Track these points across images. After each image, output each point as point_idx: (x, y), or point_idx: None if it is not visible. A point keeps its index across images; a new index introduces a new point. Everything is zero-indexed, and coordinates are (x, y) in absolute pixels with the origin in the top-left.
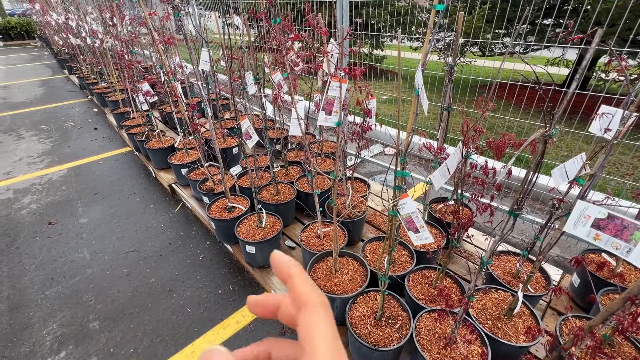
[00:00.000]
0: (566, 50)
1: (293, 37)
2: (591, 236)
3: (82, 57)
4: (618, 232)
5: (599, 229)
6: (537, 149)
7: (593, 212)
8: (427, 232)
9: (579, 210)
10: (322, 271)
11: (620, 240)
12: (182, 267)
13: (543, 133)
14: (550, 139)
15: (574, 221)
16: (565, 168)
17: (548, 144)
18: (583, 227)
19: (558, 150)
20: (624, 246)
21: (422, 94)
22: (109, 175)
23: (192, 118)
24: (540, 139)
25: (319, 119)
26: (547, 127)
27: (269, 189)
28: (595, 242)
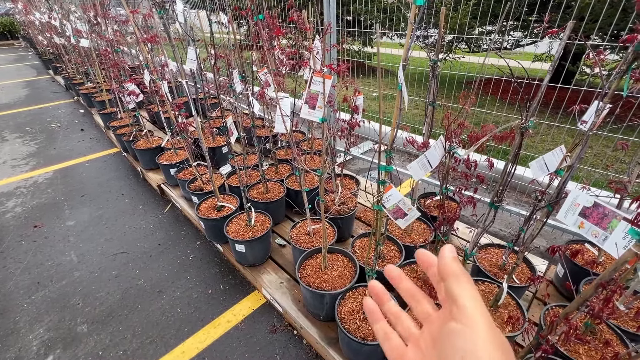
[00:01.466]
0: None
1: (275, 31)
2: (577, 224)
3: (67, 57)
4: (599, 220)
5: (585, 217)
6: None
7: (582, 200)
8: (414, 210)
9: (571, 199)
10: (311, 268)
11: (599, 229)
12: (172, 268)
13: (518, 124)
14: (527, 130)
15: (566, 209)
16: (545, 160)
17: (525, 136)
18: (572, 215)
19: (545, 144)
20: (602, 234)
21: (403, 89)
22: (97, 177)
23: (178, 117)
24: (517, 131)
25: (302, 112)
26: (523, 120)
27: (258, 187)
28: (580, 230)
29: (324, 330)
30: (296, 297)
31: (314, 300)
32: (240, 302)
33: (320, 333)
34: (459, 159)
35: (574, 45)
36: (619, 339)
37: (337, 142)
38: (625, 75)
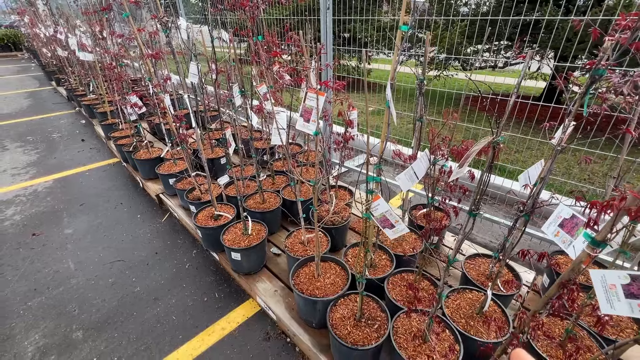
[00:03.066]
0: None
1: (273, 53)
2: (554, 233)
3: (70, 69)
4: (571, 229)
5: (561, 227)
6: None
7: (564, 212)
8: (402, 224)
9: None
10: (305, 275)
11: (569, 236)
12: (168, 276)
13: (490, 140)
14: (498, 145)
15: (550, 221)
16: (529, 173)
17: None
18: (554, 226)
19: (534, 159)
20: (569, 240)
21: (391, 105)
22: (96, 186)
23: (179, 129)
24: (490, 145)
25: (298, 124)
26: (494, 135)
27: (255, 197)
28: (555, 238)
29: (317, 338)
30: (290, 305)
31: (306, 307)
32: (235, 310)
33: (312, 340)
34: (444, 171)
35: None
36: (598, 344)
37: (333, 155)
38: (585, 96)
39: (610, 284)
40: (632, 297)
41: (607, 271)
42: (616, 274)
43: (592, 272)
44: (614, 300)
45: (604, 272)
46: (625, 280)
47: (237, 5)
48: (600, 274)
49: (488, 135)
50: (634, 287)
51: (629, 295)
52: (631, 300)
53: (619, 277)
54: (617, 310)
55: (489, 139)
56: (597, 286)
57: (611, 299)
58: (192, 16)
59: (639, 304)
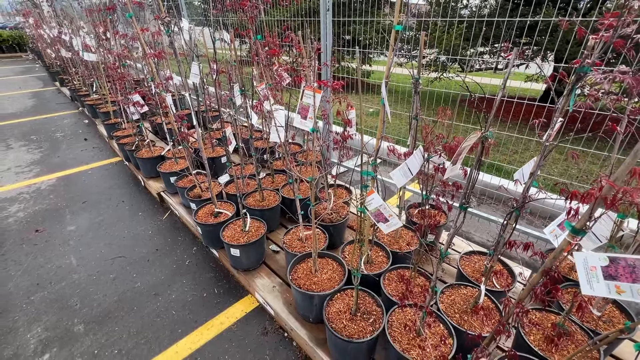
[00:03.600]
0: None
1: (271, 51)
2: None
3: (74, 69)
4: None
5: (558, 226)
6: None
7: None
8: (395, 218)
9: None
10: (302, 271)
11: (560, 230)
12: (168, 272)
13: (480, 136)
14: (487, 140)
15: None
16: (523, 171)
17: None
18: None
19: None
20: (559, 233)
21: (386, 103)
22: (98, 185)
23: (180, 128)
24: (479, 140)
25: (295, 121)
26: (483, 130)
27: (255, 195)
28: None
29: (314, 332)
30: (287, 300)
31: (303, 302)
32: (234, 306)
33: (309, 335)
34: (438, 167)
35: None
36: (590, 339)
37: (332, 154)
38: (571, 93)
39: (591, 266)
40: (610, 278)
41: (589, 253)
42: (597, 256)
43: (575, 254)
44: (594, 281)
45: (586, 254)
46: (604, 262)
47: (236, 6)
48: (583, 256)
49: (477, 131)
50: (612, 268)
51: (607, 276)
52: (609, 282)
53: (599, 260)
54: (596, 291)
55: (478, 134)
56: (579, 267)
57: (591, 280)
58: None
59: (616, 285)
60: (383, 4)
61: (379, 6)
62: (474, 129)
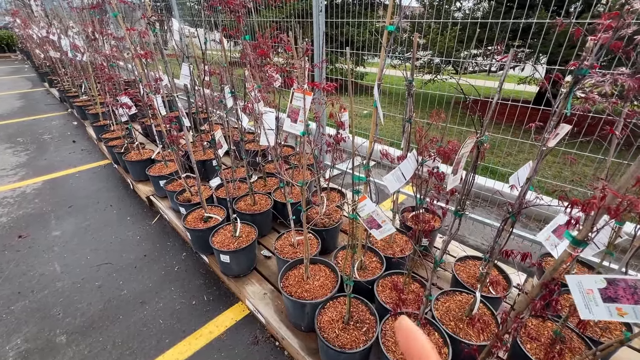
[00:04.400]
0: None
1: (260, 52)
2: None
3: (63, 70)
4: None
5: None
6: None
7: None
8: (389, 224)
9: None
10: (294, 278)
11: (557, 238)
12: (156, 279)
13: (475, 140)
14: (483, 144)
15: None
16: (518, 175)
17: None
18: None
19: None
20: (556, 242)
21: (379, 106)
22: (86, 188)
23: (170, 130)
24: (475, 144)
25: (285, 125)
26: (479, 134)
27: (246, 199)
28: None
29: (305, 341)
30: (279, 308)
31: (295, 310)
32: (224, 314)
33: (301, 344)
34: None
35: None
36: (587, 347)
37: (325, 157)
38: (569, 96)
39: (587, 289)
40: (609, 300)
41: (584, 276)
42: (592, 279)
43: (568, 278)
44: (592, 305)
45: (580, 277)
46: (601, 284)
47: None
48: (577, 279)
49: (473, 136)
50: (611, 290)
51: (606, 299)
52: (609, 304)
53: (596, 282)
54: (596, 315)
55: (474, 139)
56: (574, 292)
57: (589, 304)
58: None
59: (617, 308)
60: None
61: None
62: (468, 131)
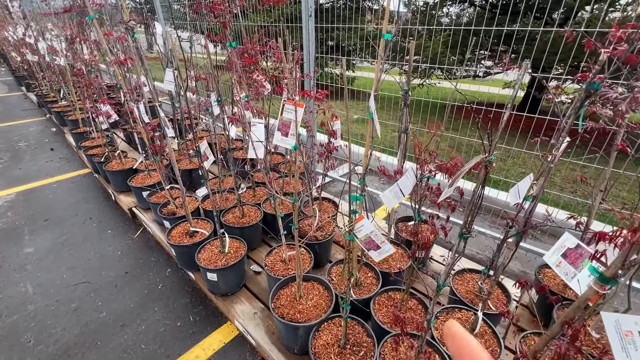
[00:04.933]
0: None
1: (248, 60)
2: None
3: (41, 74)
4: (575, 260)
5: (564, 257)
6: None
7: (569, 242)
8: (388, 245)
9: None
10: (286, 297)
11: (572, 267)
12: (138, 299)
13: (483, 159)
14: (490, 164)
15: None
16: (519, 188)
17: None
18: (556, 255)
19: (517, 167)
20: (572, 272)
21: (375, 118)
22: (64, 200)
23: (152, 140)
24: (482, 164)
25: (275, 138)
26: (486, 154)
27: (234, 211)
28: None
29: None
30: (270, 329)
31: (287, 333)
32: (211, 335)
33: None
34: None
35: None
36: None
37: (317, 165)
38: (580, 111)
39: (626, 331)
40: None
41: (622, 316)
42: (633, 320)
43: (604, 315)
44: (631, 349)
45: (618, 316)
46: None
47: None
48: (614, 318)
49: (479, 155)
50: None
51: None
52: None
53: (637, 324)
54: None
55: (480, 157)
56: (610, 331)
57: (627, 347)
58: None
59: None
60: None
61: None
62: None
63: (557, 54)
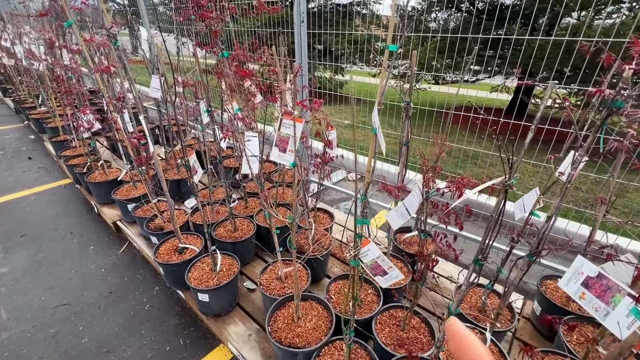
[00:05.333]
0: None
1: (241, 72)
2: (578, 294)
3: (19, 78)
4: (602, 292)
5: (587, 288)
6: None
7: (587, 269)
8: (396, 270)
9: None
10: (283, 319)
11: (601, 302)
12: (123, 321)
13: (502, 182)
14: (511, 187)
15: (569, 277)
16: (524, 201)
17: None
18: (574, 284)
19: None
20: (603, 308)
21: (379, 133)
22: (42, 213)
23: (138, 151)
24: (501, 188)
25: (272, 154)
26: (507, 177)
27: (226, 224)
28: (580, 301)
29: None
30: (266, 352)
31: (286, 359)
32: None
33: None
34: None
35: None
36: None
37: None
38: (600, 130)
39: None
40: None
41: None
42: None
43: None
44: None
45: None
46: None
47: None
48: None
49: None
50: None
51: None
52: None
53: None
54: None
55: (498, 179)
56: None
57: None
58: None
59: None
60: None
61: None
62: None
63: (544, 59)
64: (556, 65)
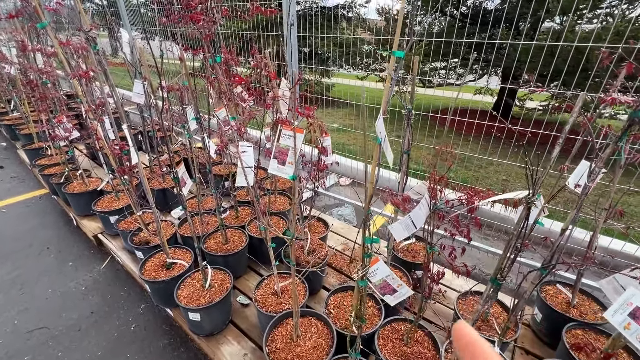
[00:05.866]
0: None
1: (238, 80)
2: (623, 325)
3: None
4: None
5: (634, 318)
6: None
7: (637, 300)
8: (405, 287)
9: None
10: (281, 339)
11: None
12: (107, 344)
13: (525, 198)
14: (534, 204)
15: (616, 308)
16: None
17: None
18: (621, 314)
19: (498, 175)
20: None
21: (385, 144)
22: (15, 227)
23: (120, 161)
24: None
25: (270, 167)
26: (531, 193)
27: (216, 236)
28: (624, 331)
29: None
30: None
31: None
32: None
33: None
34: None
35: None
36: None
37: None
38: (621, 141)
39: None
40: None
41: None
42: None
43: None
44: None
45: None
46: None
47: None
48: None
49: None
50: None
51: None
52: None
53: None
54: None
55: (519, 194)
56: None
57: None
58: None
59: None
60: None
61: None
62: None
63: (527, 62)
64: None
